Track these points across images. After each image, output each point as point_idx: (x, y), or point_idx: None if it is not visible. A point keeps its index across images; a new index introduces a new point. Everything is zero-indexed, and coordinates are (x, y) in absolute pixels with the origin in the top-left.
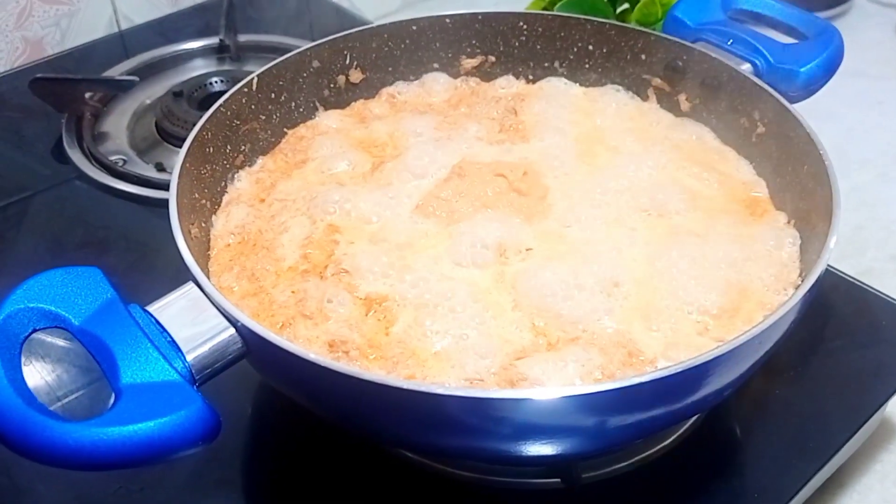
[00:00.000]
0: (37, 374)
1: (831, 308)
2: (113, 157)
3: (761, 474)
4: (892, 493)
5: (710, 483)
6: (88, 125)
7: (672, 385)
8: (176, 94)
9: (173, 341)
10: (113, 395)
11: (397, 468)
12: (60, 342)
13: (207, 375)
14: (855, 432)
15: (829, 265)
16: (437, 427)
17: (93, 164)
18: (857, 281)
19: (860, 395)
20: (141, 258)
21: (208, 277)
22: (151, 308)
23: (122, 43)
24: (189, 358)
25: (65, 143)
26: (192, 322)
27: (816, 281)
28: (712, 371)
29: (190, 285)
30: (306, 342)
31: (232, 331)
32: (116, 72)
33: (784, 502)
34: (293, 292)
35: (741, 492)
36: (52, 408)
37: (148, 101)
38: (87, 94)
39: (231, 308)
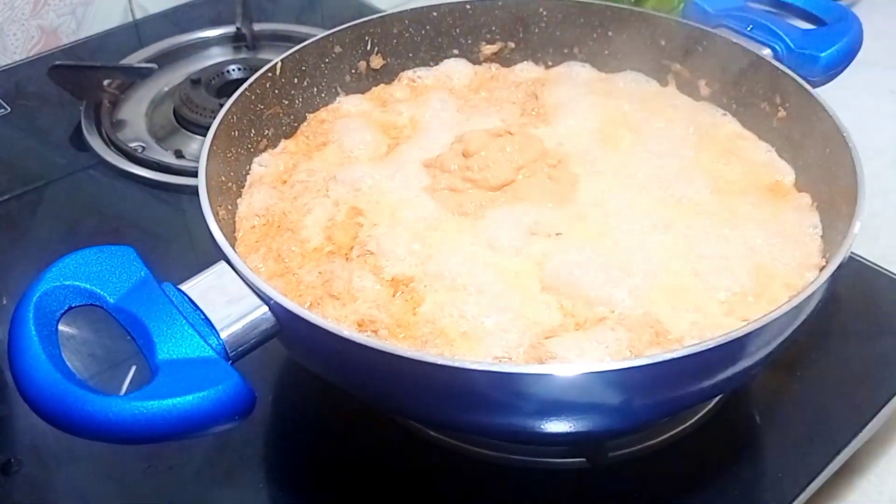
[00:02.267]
0: (73, 351)
1: (848, 292)
2: (132, 144)
3: (781, 457)
4: None
5: (731, 465)
6: (107, 112)
7: (700, 362)
8: (194, 81)
9: (207, 319)
10: (146, 371)
11: (423, 448)
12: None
13: (241, 353)
14: (872, 418)
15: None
16: (465, 402)
17: (112, 150)
18: (874, 264)
19: (877, 381)
20: (162, 242)
21: None
22: (184, 286)
23: (137, 32)
24: (223, 335)
25: (84, 130)
26: (224, 300)
27: (842, 263)
28: (739, 349)
29: (221, 264)
30: (335, 322)
31: (265, 309)
32: (132, 60)
33: (803, 484)
34: (320, 273)
35: (762, 473)
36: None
37: (166, 89)
38: (106, 82)
39: (264, 286)
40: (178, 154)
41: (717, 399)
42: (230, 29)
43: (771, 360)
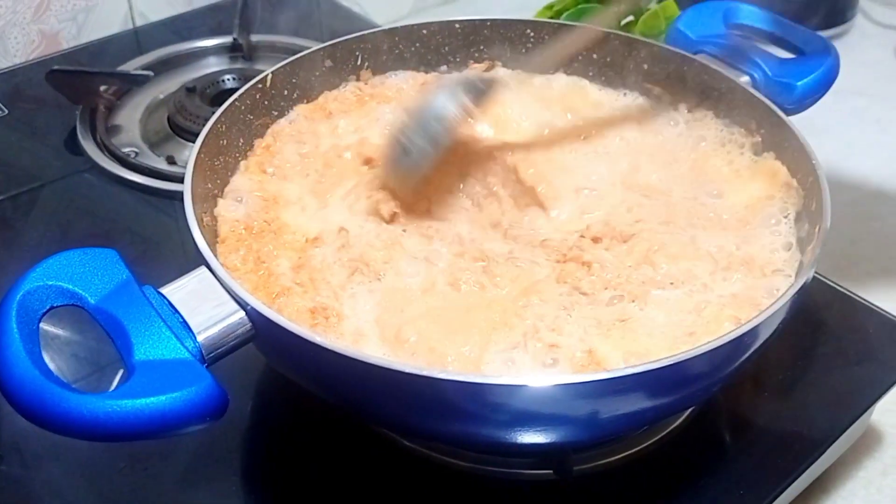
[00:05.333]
0: (52, 350)
1: (821, 316)
2: (125, 149)
3: (747, 473)
4: (875, 499)
5: (698, 480)
6: (102, 117)
7: (660, 377)
8: (189, 89)
9: (185, 322)
10: (123, 371)
11: (395, 456)
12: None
13: (217, 356)
14: (838, 436)
15: (821, 275)
16: (435, 411)
17: (105, 155)
18: (847, 290)
19: (846, 401)
20: (150, 246)
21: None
22: (164, 290)
23: (137, 39)
24: (200, 338)
25: (79, 134)
26: (203, 304)
27: (801, 288)
28: (697, 368)
29: (202, 269)
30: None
31: (241, 313)
32: (130, 67)
33: (769, 500)
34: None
35: (727, 489)
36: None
37: (161, 96)
38: (102, 87)
39: (241, 292)
40: (171, 160)
41: (686, 414)
42: (228, 39)
43: (734, 376)
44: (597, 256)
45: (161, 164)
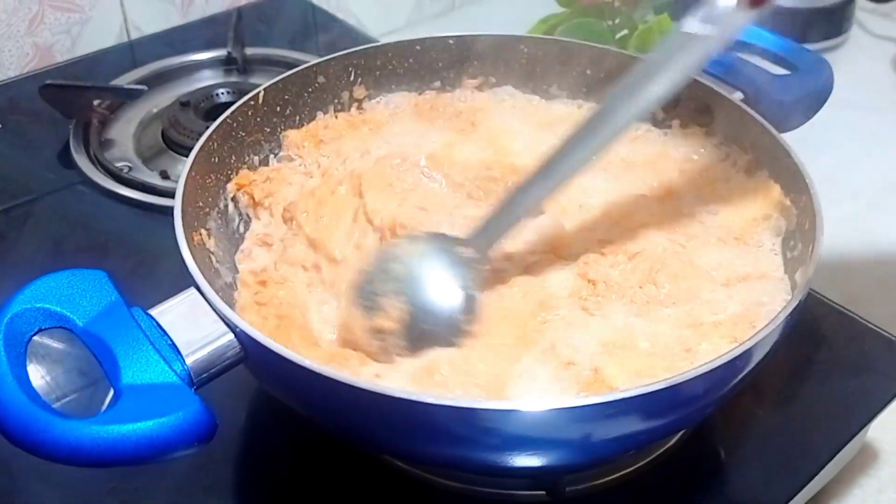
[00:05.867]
0: (39, 373)
1: (815, 333)
2: (118, 164)
3: (742, 492)
4: None
5: (693, 498)
6: (95, 132)
7: (652, 402)
8: (183, 103)
9: (174, 344)
10: (111, 394)
11: (388, 477)
12: (63, 343)
13: (206, 378)
14: (835, 454)
15: (816, 291)
16: (429, 436)
17: (98, 169)
18: (843, 308)
19: (842, 419)
20: (142, 263)
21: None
22: (154, 311)
23: (132, 52)
24: (188, 361)
25: (72, 149)
26: (192, 326)
27: (795, 309)
28: (692, 390)
29: (191, 290)
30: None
31: (230, 336)
32: (125, 80)
33: None
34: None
35: None
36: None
37: (155, 110)
38: (96, 102)
39: (230, 314)
40: (164, 175)
41: (680, 433)
42: (223, 52)
43: (728, 399)
44: (602, 274)
45: (154, 179)
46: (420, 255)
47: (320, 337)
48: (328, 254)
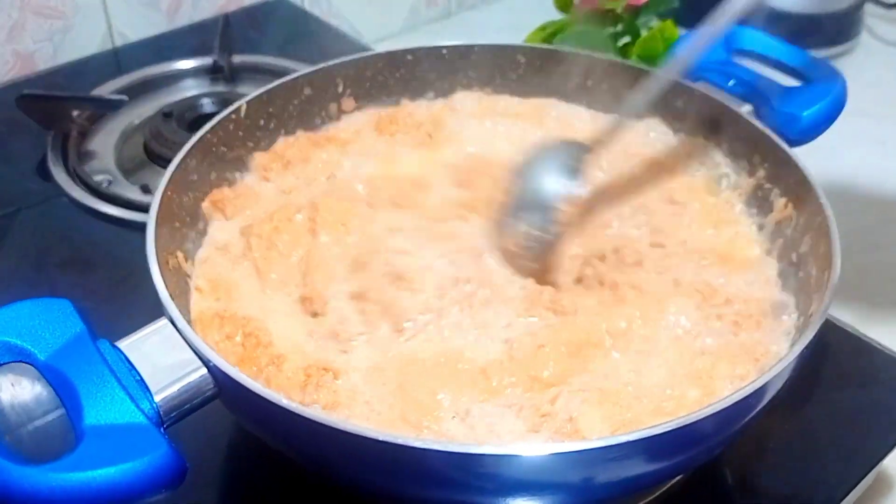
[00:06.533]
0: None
1: (830, 358)
2: (98, 177)
3: None
4: None
5: None
6: (75, 143)
7: (657, 443)
8: (166, 114)
9: (142, 380)
10: (74, 436)
11: None
12: (24, 378)
13: (176, 417)
14: (852, 488)
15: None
16: (411, 479)
17: (76, 183)
18: (856, 331)
19: (858, 449)
20: (120, 284)
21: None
22: (122, 344)
23: (117, 59)
24: (157, 398)
25: (49, 161)
26: (163, 360)
27: (810, 342)
28: (693, 434)
29: (163, 321)
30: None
31: (203, 371)
32: (108, 89)
33: None
34: None
35: None
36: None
37: (137, 121)
38: (75, 112)
39: (204, 347)
40: (145, 189)
41: None
42: (209, 60)
43: (734, 438)
44: (576, 303)
45: (135, 194)
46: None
47: (286, 356)
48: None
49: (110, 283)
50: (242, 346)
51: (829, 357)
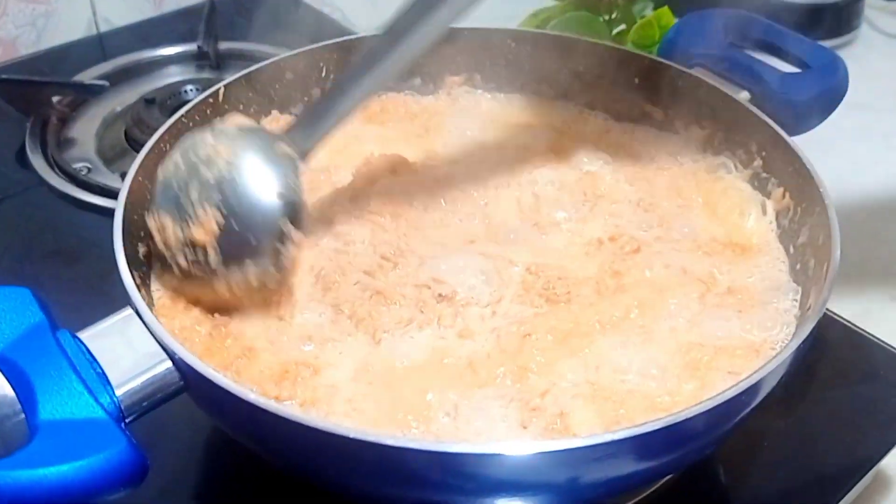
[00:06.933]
0: None
1: (829, 353)
2: (77, 165)
3: None
4: None
5: None
6: (54, 130)
7: (646, 442)
8: (148, 101)
9: (103, 373)
10: (28, 431)
11: None
12: None
13: (139, 411)
14: (850, 489)
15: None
16: (382, 477)
17: (55, 171)
18: (853, 325)
19: (856, 447)
20: (100, 272)
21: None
22: (83, 334)
23: (101, 45)
24: (118, 392)
25: (27, 148)
26: (126, 352)
27: (807, 337)
28: (690, 429)
29: (128, 311)
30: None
31: (168, 364)
32: (90, 75)
33: None
34: None
35: None
36: None
37: (119, 108)
38: (55, 98)
39: (169, 339)
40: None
41: None
42: (193, 46)
43: (725, 437)
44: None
45: (114, 182)
46: (235, 155)
47: (254, 344)
48: None
49: (88, 274)
50: (210, 335)
51: (828, 352)
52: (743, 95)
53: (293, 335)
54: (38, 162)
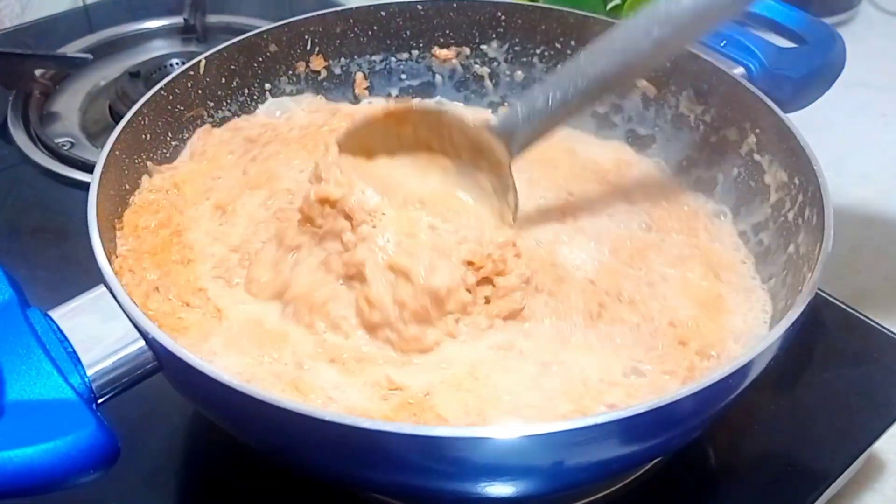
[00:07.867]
0: None
1: (823, 335)
2: (60, 140)
3: None
4: None
5: None
6: (37, 104)
7: (631, 425)
8: (132, 74)
9: (74, 352)
10: None
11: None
12: None
13: (111, 392)
14: (842, 471)
15: (819, 289)
16: (357, 461)
17: (37, 146)
18: (847, 306)
19: (849, 430)
20: (74, 254)
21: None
22: (55, 313)
23: (87, 18)
24: (89, 372)
25: (9, 123)
26: (98, 331)
27: (797, 319)
28: (677, 412)
29: (101, 289)
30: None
31: (141, 343)
32: (75, 48)
33: None
34: None
35: None
36: None
37: (103, 82)
38: (38, 72)
39: (142, 318)
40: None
41: None
42: (179, 19)
43: (711, 422)
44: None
45: (95, 157)
46: None
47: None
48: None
49: (72, 251)
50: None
51: (822, 334)
52: (738, 71)
53: None
54: (20, 137)
